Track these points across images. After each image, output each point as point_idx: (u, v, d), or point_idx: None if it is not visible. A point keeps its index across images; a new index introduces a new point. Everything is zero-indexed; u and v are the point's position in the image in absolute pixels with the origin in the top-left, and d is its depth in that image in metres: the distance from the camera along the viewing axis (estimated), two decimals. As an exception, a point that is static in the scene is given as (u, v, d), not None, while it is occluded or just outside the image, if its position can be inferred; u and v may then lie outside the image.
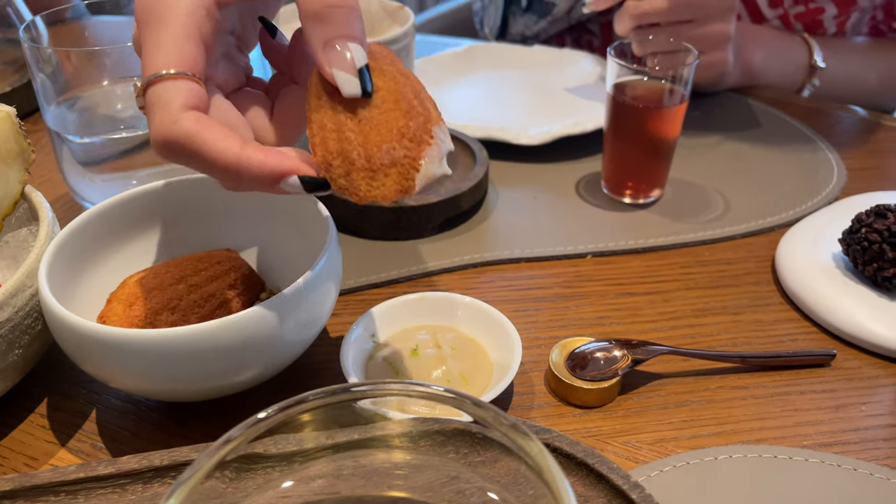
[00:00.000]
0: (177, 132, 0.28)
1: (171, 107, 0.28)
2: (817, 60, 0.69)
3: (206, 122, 0.28)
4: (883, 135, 0.64)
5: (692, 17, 0.58)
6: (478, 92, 0.68)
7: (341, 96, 0.29)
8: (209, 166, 0.28)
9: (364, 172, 0.29)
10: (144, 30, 0.29)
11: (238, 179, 0.29)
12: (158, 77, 0.28)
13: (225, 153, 0.28)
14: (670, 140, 0.53)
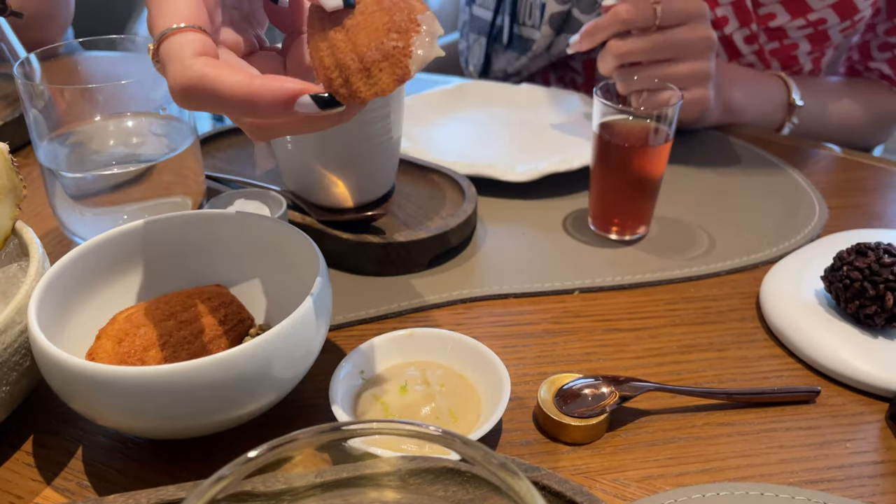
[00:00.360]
0: (191, 75, 0.30)
1: (183, 55, 0.30)
2: (795, 98, 0.71)
3: (216, 63, 0.30)
4: (861, 173, 0.65)
5: (673, 56, 0.59)
6: (467, 129, 0.69)
7: (330, 17, 0.31)
8: (226, 102, 0.30)
9: (360, 74, 0.30)
10: (152, 2, 0.31)
11: (254, 109, 0.30)
12: (169, 32, 0.30)
13: (237, 85, 0.30)
14: (656, 178, 0.54)
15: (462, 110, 0.72)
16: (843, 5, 0.69)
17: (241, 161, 0.61)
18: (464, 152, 0.64)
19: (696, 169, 0.65)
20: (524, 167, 0.61)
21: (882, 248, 0.45)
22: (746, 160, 0.66)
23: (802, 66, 0.77)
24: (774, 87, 0.72)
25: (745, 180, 0.63)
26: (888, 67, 0.79)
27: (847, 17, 0.71)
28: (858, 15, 0.71)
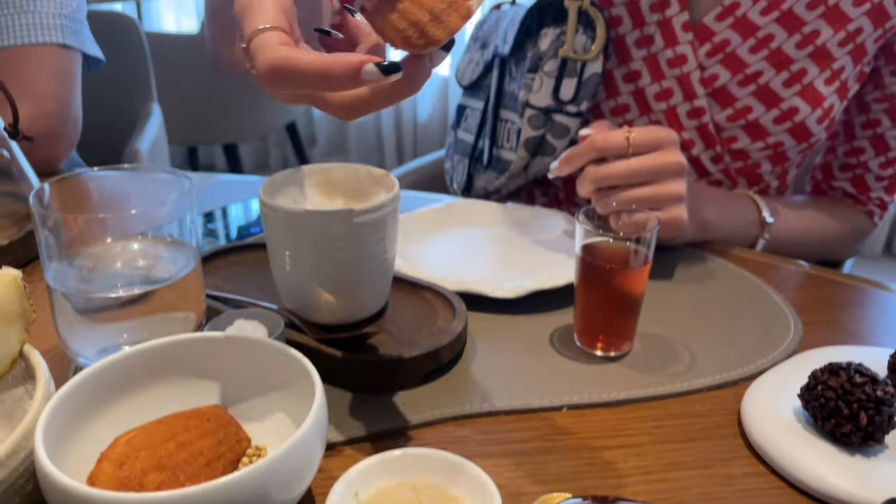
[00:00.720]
0: (276, 56, 0.37)
1: (268, 44, 0.38)
2: (765, 216, 0.76)
3: (296, 48, 0.38)
4: (832, 289, 0.68)
5: (647, 180, 0.63)
6: (456, 246, 0.72)
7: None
8: (306, 77, 0.37)
9: (432, 24, 0.38)
10: (245, 10, 0.40)
11: (329, 80, 0.37)
12: (257, 31, 0.38)
13: (314, 62, 0.36)
14: (637, 297, 0.56)
15: (452, 228, 0.75)
16: (798, 129, 0.75)
17: (239, 279, 0.63)
18: (454, 269, 0.66)
19: (676, 285, 0.68)
20: (512, 284, 0.63)
21: (853, 368, 0.47)
22: (723, 276, 0.69)
23: (769, 183, 0.82)
24: (745, 205, 0.77)
25: (722, 296, 0.66)
26: (850, 186, 0.84)
27: (803, 140, 0.76)
28: (814, 138, 0.77)
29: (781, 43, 0.73)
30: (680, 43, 0.75)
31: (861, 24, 0.72)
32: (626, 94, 0.79)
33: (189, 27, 3.35)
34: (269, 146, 3.35)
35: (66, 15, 0.85)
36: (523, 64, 0.78)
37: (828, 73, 0.74)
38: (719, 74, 0.75)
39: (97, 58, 0.92)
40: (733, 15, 0.74)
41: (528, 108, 0.77)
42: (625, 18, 0.76)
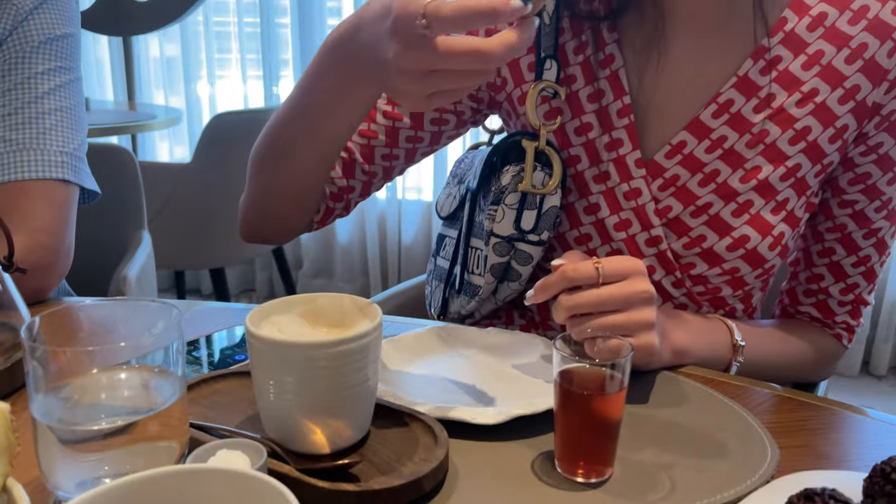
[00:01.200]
0: (451, 4, 0.54)
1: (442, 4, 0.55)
2: (738, 339, 0.78)
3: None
4: (807, 413, 0.70)
5: (618, 308, 0.66)
6: (437, 372, 0.73)
7: None
8: (478, 14, 0.54)
9: None
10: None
11: (494, 14, 0.53)
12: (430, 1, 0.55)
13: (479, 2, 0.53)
14: (615, 422, 0.58)
15: (433, 353, 0.77)
16: (751, 256, 0.79)
17: (224, 408, 0.64)
18: (435, 395, 0.67)
19: (652, 410, 0.69)
20: (492, 410, 0.64)
21: (828, 493, 0.48)
22: (699, 400, 0.71)
23: (734, 307, 0.85)
24: (718, 329, 0.79)
25: (699, 420, 0.67)
26: (815, 311, 0.87)
27: (758, 266, 0.80)
28: (768, 264, 0.81)
29: (727, 178, 0.79)
30: (634, 178, 0.81)
31: (798, 160, 0.78)
32: (588, 224, 0.84)
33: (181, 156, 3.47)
34: (255, 269, 3.39)
35: (68, 152, 0.90)
36: (489, 197, 0.83)
37: (773, 203, 0.79)
38: (672, 206, 0.81)
39: (94, 191, 0.96)
40: (681, 153, 0.80)
41: (493, 237, 0.82)
42: (583, 157, 0.83)
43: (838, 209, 0.83)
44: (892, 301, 2.65)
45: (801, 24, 0.77)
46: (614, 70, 0.81)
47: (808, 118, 0.77)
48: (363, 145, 0.87)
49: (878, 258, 0.85)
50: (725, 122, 0.78)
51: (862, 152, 0.79)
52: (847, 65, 0.76)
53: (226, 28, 3.24)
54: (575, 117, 0.83)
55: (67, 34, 0.94)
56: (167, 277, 3.21)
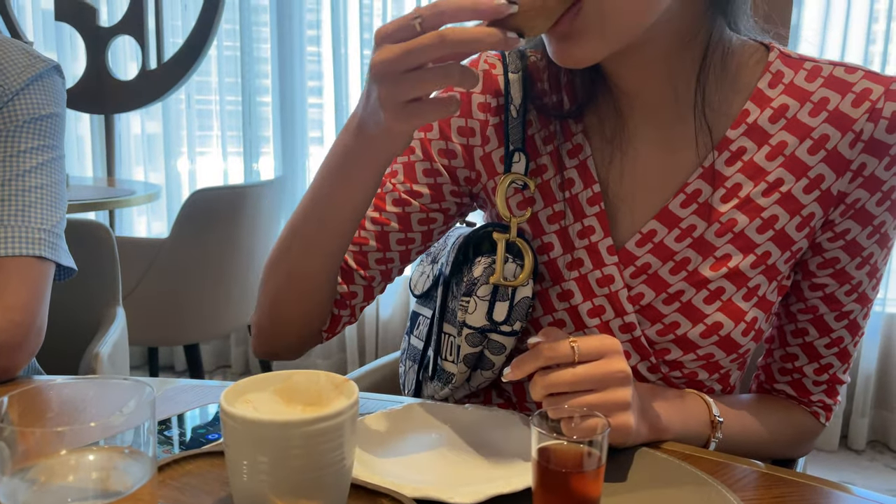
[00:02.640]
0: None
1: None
2: (716, 415, 0.78)
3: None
4: (786, 489, 0.69)
5: (594, 387, 0.67)
6: (414, 450, 0.72)
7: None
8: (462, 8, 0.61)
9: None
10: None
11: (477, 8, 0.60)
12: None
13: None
14: (593, 499, 0.57)
15: (410, 431, 0.76)
16: (725, 342, 0.80)
17: (195, 489, 0.62)
18: (411, 474, 0.66)
19: (631, 486, 0.68)
20: (470, 488, 0.63)
21: (808, 572, 0.47)
22: (678, 477, 0.70)
23: (712, 388, 0.85)
24: (696, 405, 0.79)
25: (678, 497, 0.67)
26: (791, 389, 0.88)
27: (732, 351, 0.81)
28: (742, 349, 0.81)
29: (697, 265, 0.80)
30: (607, 264, 0.82)
31: (767, 248, 0.79)
32: (562, 310, 0.84)
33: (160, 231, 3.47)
34: (230, 345, 3.34)
35: (46, 229, 0.90)
36: (461, 287, 0.84)
37: (744, 290, 0.80)
38: (645, 293, 0.81)
39: (70, 267, 0.95)
40: (651, 241, 0.81)
41: (466, 328, 0.82)
42: (556, 244, 0.84)
43: (809, 292, 0.83)
44: (866, 375, 2.67)
45: (762, 115, 0.79)
46: (582, 159, 0.84)
47: (775, 207, 0.78)
48: (356, 252, 0.88)
49: (852, 339, 0.85)
50: (694, 212, 0.80)
51: (829, 238, 0.80)
52: (810, 155, 0.77)
53: (208, 106, 3.30)
54: (547, 206, 0.85)
55: (53, 114, 0.96)
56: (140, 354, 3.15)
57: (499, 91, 0.86)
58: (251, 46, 3.13)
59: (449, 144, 0.87)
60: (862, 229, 0.79)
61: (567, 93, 0.84)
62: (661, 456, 0.74)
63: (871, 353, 2.66)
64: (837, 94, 0.77)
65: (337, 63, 3.02)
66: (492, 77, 0.87)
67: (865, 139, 0.76)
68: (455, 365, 0.84)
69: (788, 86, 0.78)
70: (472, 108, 0.87)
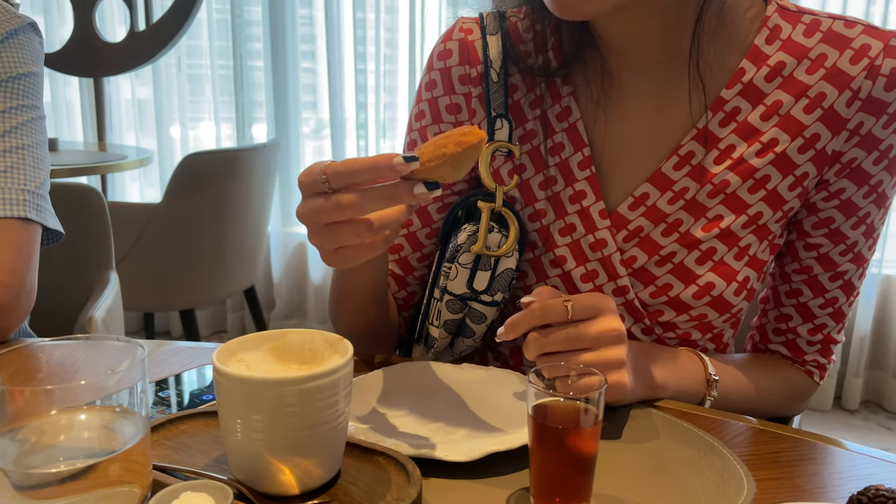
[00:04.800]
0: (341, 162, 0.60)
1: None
2: (711, 374, 0.78)
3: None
4: (782, 445, 0.69)
5: (588, 346, 0.66)
6: (410, 409, 0.72)
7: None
8: (362, 169, 0.59)
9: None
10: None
11: (377, 169, 0.58)
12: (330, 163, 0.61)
13: (366, 159, 0.59)
14: (590, 456, 0.57)
15: (406, 390, 0.76)
16: (717, 302, 0.79)
17: (190, 449, 0.62)
18: (408, 432, 0.66)
19: (628, 444, 0.68)
20: (467, 446, 0.63)
21: (804, 524, 0.47)
22: (674, 434, 0.70)
23: (706, 347, 0.85)
24: (692, 363, 0.79)
25: (674, 454, 0.67)
26: (785, 349, 0.88)
27: (724, 311, 0.80)
28: (735, 308, 0.81)
29: (689, 227, 0.79)
30: (599, 229, 0.81)
31: (759, 208, 0.78)
32: (555, 276, 0.84)
33: (152, 197, 3.44)
34: (226, 310, 3.34)
35: (30, 190, 0.88)
36: (446, 253, 0.84)
37: (735, 249, 0.79)
38: (637, 256, 0.81)
39: (57, 231, 0.94)
40: (644, 204, 0.80)
41: (447, 294, 0.82)
42: (548, 210, 0.83)
43: (804, 252, 0.83)
44: (861, 336, 2.68)
45: (758, 74, 0.77)
46: (572, 122, 0.82)
47: (768, 167, 0.77)
48: (397, 260, 0.92)
49: (846, 299, 0.84)
50: (687, 174, 0.79)
51: (824, 198, 0.79)
52: (806, 114, 0.76)
53: (199, 71, 3.25)
54: (538, 172, 0.83)
55: (30, 73, 0.93)
56: (136, 319, 3.15)
57: (477, 59, 0.84)
58: (242, 9, 3.07)
59: (441, 126, 0.87)
60: (858, 189, 0.78)
61: (554, 52, 0.82)
62: (657, 413, 0.74)
63: (866, 314, 2.67)
64: (836, 50, 0.75)
65: (330, 26, 2.97)
66: (468, 45, 0.85)
67: (863, 97, 0.74)
68: (437, 329, 0.84)
69: (786, 42, 0.77)
70: (454, 83, 0.85)
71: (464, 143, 0.57)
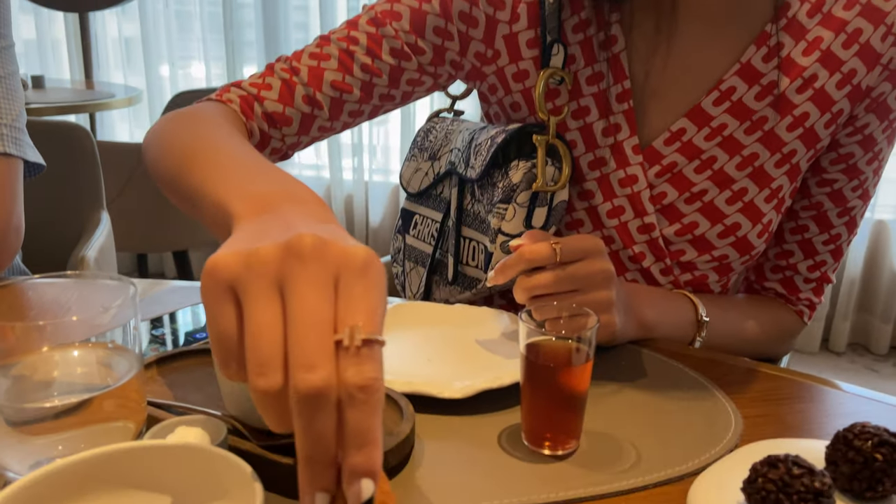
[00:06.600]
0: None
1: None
2: (702, 315, 0.78)
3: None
4: (770, 383, 0.70)
5: (577, 288, 0.66)
6: (403, 347, 0.73)
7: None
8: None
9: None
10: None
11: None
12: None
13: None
14: (581, 394, 0.57)
15: (399, 329, 0.76)
16: (740, 243, 0.80)
17: (183, 385, 0.62)
18: (401, 370, 0.67)
19: (618, 383, 0.69)
20: (460, 384, 0.64)
21: (791, 460, 0.48)
22: (664, 373, 0.71)
23: (713, 291, 0.86)
24: (683, 304, 0.79)
25: (664, 393, 0.68)
26: (781, 287, 0.88)
27: (745, 252, 0.81)
28: (755, 251, 0.81)
29: (724, 164, 0.79)
30: (631, 164, 0.80)
31: (795, 146, 0.78)
32: (581, 210, 0.83)
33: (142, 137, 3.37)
34: (220, 252, 3.33)
35: (5, 124, 0.86)
36: (490, 190, 0.81)
37: (767, 191, 0.79)
38: (667, 193, 0.80)
39: (38, 163, 0.92)
40: (680, 140, 0.79)
41: (501, 235, 0.80)
42: (579, 142, 0.81)
43: (816, 188, 0.83)
44: (851, 279, 2.71)
45: (801, 10, 0.76)
46: (615, 53, 0.79)
47: (807, 104, 0.77)
48: (334, 98, 0.79)
49: (848, 236, 0.86)
50: (726, 110, 0.78)
51: (848, 133, 0.79)
52: (844, 50, 0.75)
53: (187, 7, 3.16)
54: (572, 100, 0.81)
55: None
56: (129, 261, 3.15)
57: None
58: (229, -56, 2.98)
59: (473, 10, 0.78)
60: (879, 123, 0.79)
61: None
62: (647, 353, 0.75)
63: (857, 258, 2.69)
64: None
65: (321, -39, 2.88)
66: None
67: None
68: (480, 270, 0.83)
69: None
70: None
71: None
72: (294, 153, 0.84)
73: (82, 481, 0.42)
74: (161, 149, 0.69)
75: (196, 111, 0.74)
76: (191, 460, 0.44)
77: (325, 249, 0.37)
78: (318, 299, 0.36)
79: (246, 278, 0.37)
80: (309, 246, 0.37)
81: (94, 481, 0.43)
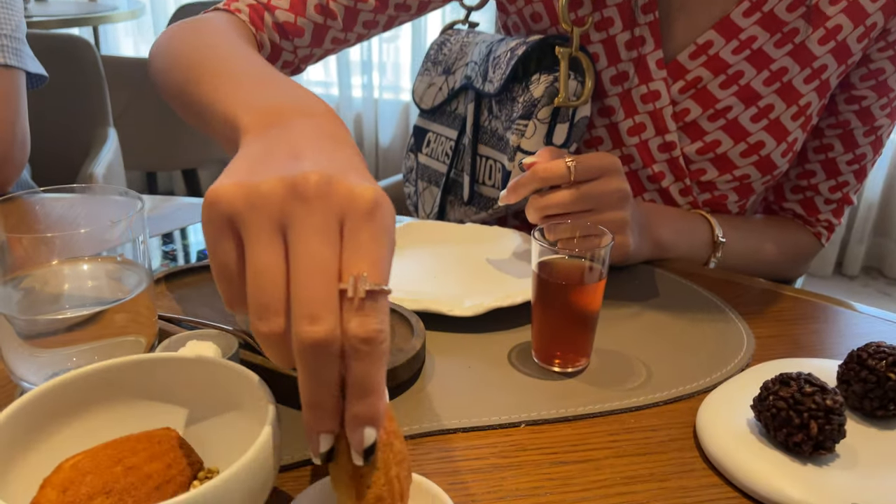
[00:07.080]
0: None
1: None
2: (718, 235, 0.77)
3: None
4: (784, 304, 0.70)
5: (591, 208, 0.64)
6: (414, 266, 0.72)
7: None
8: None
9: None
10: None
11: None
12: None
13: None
14: (592, 313, 0.57)
15: (409, 248, 0.75)
16: (763, 162, 0.77)
17: (193, 301, 0.62)
18: (412, 288, 0.66)
19: (632, 303, 0.69)
20: (470, 302, 0.63)
21: (803, 378, 0.48)
22: (677, 293, 0.70)
23: (731, 212, 0.84)
24: (699, 225, 0.78)
25: (677, 312, 0.67)
26: (800, 208, 0.86)
27: (767, 172, 0.78)
28: (777, 171, 0.79)
29: (750, 79, 0.75)
30: (654, 80, 0.77)
31: (826, 61, 0.75)
32: (601, 127, 0.80)
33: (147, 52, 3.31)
34: (230, 171, 3.31)
35: (5, 35, 0.83)
36: (509, 105, 0.78)
37: (794, 108, 0.76)
38: (690, 109, 0.77)
39: (40, 74, 0.90)
40: (706, 53, 0.76)
41: (520, 152, 0.77)
42: (601, 56, 0.78)
43: (844, 105, 0.80)
44: (869, 203, 2.67)
45: None
46: None
47: (840, 16, 0.73)
48: (349, 7, 0.76)
49: (872, 156, 0.83)
50: (756, 21, 0.74)
51: (880, 48, 0.76)
52: None
53: (189, -86, 3.04)
54: (596, 10, 0.77)
55: None
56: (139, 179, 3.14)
57: None
58: None
59: None
60: None
61: None
62: (661, 273, 0.74)
63: (876, 181, 2.64)
64: None
65: None
66: None
67: None
68: (497, 189, 0.80)
69: None
70: None
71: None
72: (307, 66, 0.81)
73: (95, 392, 0.43)
74: (167, 61, 0.67)
75: (203, 21, 0.71)
76: (203, 373, 0.44)
77: (331, 190, 0.35)
78: (322, 245, 0.34)
79: (247, 215, 0.35)
80: (314, 186, 0.35)
81: (106, 392, 0.43)
